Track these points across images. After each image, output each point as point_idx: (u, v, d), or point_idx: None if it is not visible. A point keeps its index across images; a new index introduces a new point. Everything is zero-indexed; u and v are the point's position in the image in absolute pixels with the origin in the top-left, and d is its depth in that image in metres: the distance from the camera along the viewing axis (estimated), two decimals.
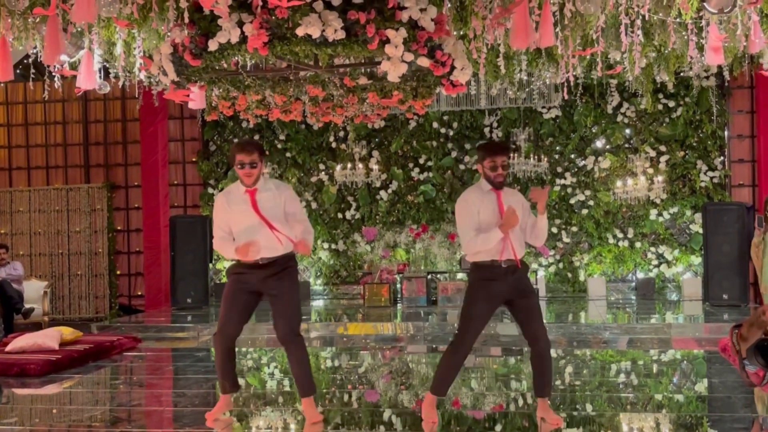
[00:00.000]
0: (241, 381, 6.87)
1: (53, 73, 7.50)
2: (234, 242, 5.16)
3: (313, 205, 13.63)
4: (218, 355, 5.40)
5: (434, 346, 9.15)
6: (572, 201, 12.89)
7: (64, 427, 5.56)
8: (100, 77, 8.00)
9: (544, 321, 9.19)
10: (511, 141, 12.97)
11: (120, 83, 8.54)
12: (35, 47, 7.24)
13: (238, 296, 5.24)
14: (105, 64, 8.23)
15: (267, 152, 5.05)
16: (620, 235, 12.79)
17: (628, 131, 12.83)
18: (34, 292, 11.23)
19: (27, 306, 10.73)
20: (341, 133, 13.56)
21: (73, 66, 7.44)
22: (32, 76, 8.39)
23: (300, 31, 4.98)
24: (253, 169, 5.07)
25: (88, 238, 13.75)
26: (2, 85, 13.57)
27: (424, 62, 5.29)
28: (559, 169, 12.95)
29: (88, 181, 13.98)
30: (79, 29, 6.82)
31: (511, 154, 5.12)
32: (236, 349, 5.48)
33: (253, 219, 5.11)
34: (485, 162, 5.12)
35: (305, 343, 5.34)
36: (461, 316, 5.25)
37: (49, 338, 8.14)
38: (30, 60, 8.13)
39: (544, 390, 5.22)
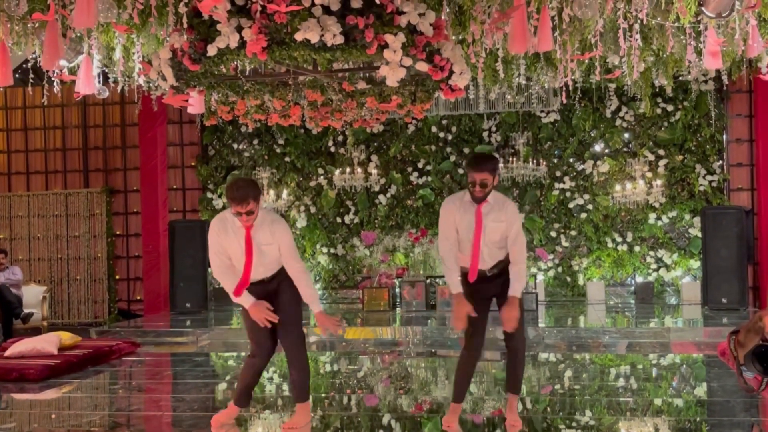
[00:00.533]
0: None
1: (52, 78, 7.50)
2: (235, 278, 5.16)
3: (312, 210, 13.63)
4: (250, 371, 5.42)
5: (433, 350, 9.15)
6: (571, 205, 12.89)
7: None
8: (99, 82, 8.02)
9: (543, 325, 9.20)
10: (510, 145, 12.99)
11: (119, 88, 8.55)
12: (34, 52, 7.24)
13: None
14: (104, 68, 8.24)
15: (261, 191, 5.03)
16: (619, 239, 12.79)
17: (626, 135, 12.84)
18: (33, 296, 11.23)
19: (26, 311, 10.72)
20: (340, 138, 13.57)
21: (72, 71, 7.44)
22: (31, 80, 8.40)
23: (299, 36, 4.99)
24: (249, 216, 5.01)
25: (87, 243, 13.74)
26: (1, 89, 13.55)
27: (423, 67, 5.29)
28: (558, 173, 12.95)
29: (87, 186, 13.98)
30: (78, 34, 6.83)
31: (498, 167, 5.14)
32: (239, 355, 5.55)
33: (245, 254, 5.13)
34: (468, 175, 5.18)
35: (306, 349, 5.39)
36: None
37: (48, 343, 8.13)
38: (29, 65, 8.14)
39: (514, 386, 5.32)
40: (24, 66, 8.54)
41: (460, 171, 13.18)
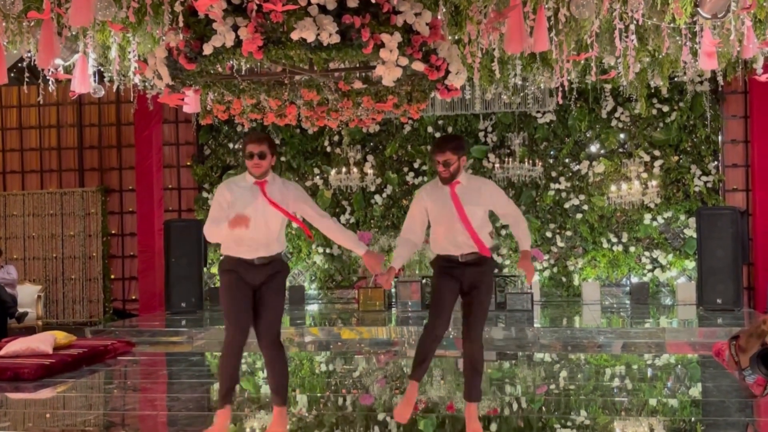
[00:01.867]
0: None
1: (48, 77, 7.49)
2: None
3: None
4: (229, 357, 5.07)
5: None
6: (566, 205, 12.91)
7: None
8: (95, 81, 8.00)
9: (538, 325, 9.20)
10: (506, 146, 13.00)
11: (114, 87, 8.54)
12: (30, 51, 7.23)
13: (238, 288, 5.02)
14: (100, 67, 8.23)
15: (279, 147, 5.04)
16: (614, 240, 12.80)
17: (622, 136, 12.86)
18: (27, 296, 11.19)
19: (21, 310, 10.70)
20: (336, 138, 13.57)
21: (68, 70, 7.43)
22: (27, 79, 8.39)
23: (295, 35, 4.98)
24: (261, 160, 4.94)
25: (83, 242, 13.72)
26: None
27: (419, 66, 5.29)
28: (554, 174, 12.97)
29: (82, 185, 13.96)
30: (73, 33, 6.82)
31: (463, 147, 5.16)
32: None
33: (258, 212, 4.96)
34: (432, 160, 5.19)
35: (285, 351, 5.20)
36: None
37: (42, 342, 8.11)
38: (24, 64, 8.13)
39: (469, 394, 5.14)
40: (19, 65, 8.52)
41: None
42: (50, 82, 7.60)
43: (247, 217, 4.83)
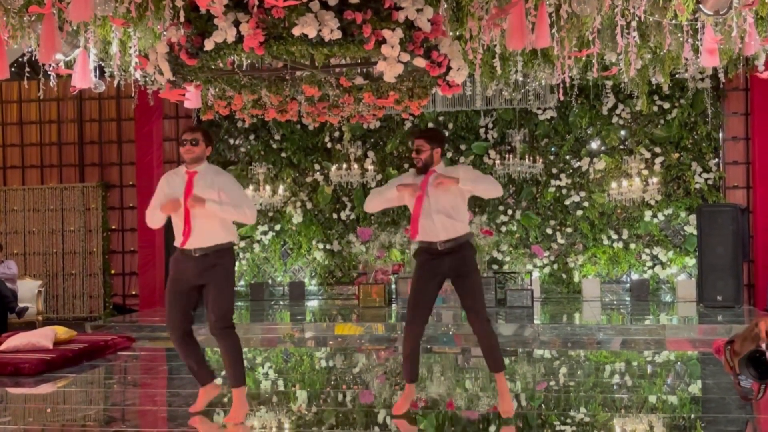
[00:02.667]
0: None
1: (48, 72, 7.47)
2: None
3: (308, 206, 13.63)
4: (178, 350, 5.55)
5: (429, 346, 9.14)
6: (567, 202, 12.91)
7: (58, 427, 5.55)
8: (96, 76, 7.99)
9: (538, 322, 9.22)
10: (507, 142, 13.00)
11: (115, 82, 8.53)
12: (30, 46, 7.22)
13: (177, 293, 5.41)
14: (100, 63, 8.21)
15: (215, 142, 5.32)
16: (615, 237, 12.81)
17: (623, 133, 12.85)
18: (28, 291, 11.20)
19: (21, 305, 10.70)
20: (337, 134, 13.56)
21: (69, 65, 7.43)
22: (27, 74, 8.37)
23: (296, 31, 4.98)
24: (194, 146, 5.20)
25: (83, 238, 13.72)
26: None
27: (420, 63, 5.29)
28: (554, 170, 12.96)
29: (82, 181, 13.95)
30: (74, 28, 6.81)
31: (439, 139, 5.35)
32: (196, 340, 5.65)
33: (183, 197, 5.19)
34: None
35: (236, 335, 5.44)
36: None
37: (43, 337, 8.12)
38: (25, 58, 8.12)
39: (494, 365, 5.40)
40: (20, 60, 8.52)
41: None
42: (51, 77, 7.59)
43: (178, 201, 5.11)
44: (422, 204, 5.29)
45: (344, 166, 13.02)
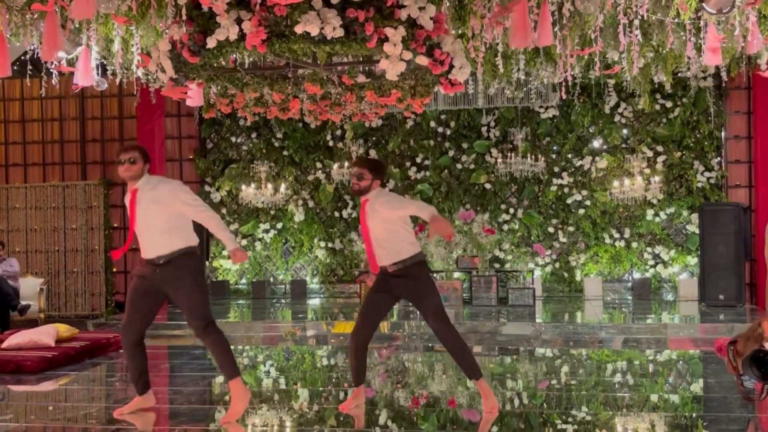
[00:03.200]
0: None
1: (51, 70, 7.48)
2: None
3: (310, 204, 13.63)
4: (127, 354, 5.59)
5: (430, 345, 9.14)
6: (569, 201, 12.90)
7: (60, 425, 5.55)
8: (98, 74, 7.99)
9: (540, 320, 9.21)
10: (509, 141, 13.00)
11: (117, 80, 8.53)
12: (33, 44, 7.22)
13: (138, 298, 5.44)
14: (102, 61, 8.22)
15: (149, 159, 5.40)
16: (617, 235, 12.80)
17: (625, 131, 12.85)
18: (30, 289, 11.21)
19: (23, 303, 10.71)
20: (338, 132, 13.56)
21: (71, 63, 7.43)
22: (29, 72, 8.38)
23: (299, 29, 4.98)
24: (132, 165, 5.26)
25: (85, 235, 13.73)
26: None
27: (423, 61, 5.28)
28: (557, 169, 12.96)
29: (84, 178, 13.96)
30: (77, 26, 6.81)
31: (380, 170, 5.48)
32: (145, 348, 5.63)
33: (136, 215, 5.33)
34: None
35: (219, 330, 5.39)
36: None
37: (45, 335, 8.12)
38: (27, 56, 8.12)
39: (469, 372, 5.42)
40: (22, 57, 8.52)
41: (459, 166, 13.19)
42: (53, 75, 7.59)
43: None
44: (368, 235, 5.39)
45: (346, 164, 13.02)
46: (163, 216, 5.23)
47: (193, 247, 5.39)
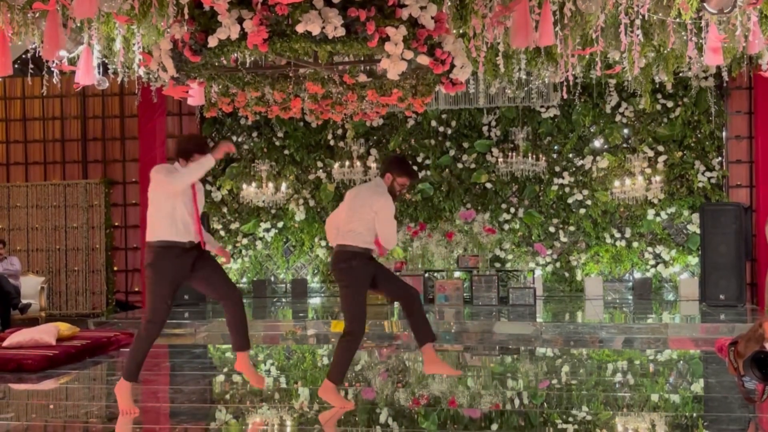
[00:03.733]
0: (238, 378, 6.88)
1: (52, 69, 7.48)
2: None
3: (311, 203, 13.63)
4: (145, 344, 5.61)
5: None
6: (570, 200, 12.90)
7: (61, 423, 5.56)
8: (99, 73, 8.00)
9: (541, 320, 9.24)
10: (510, 140, 13.00)
11: (119, 79, 8.53)
12: (34, 42, 7.23)
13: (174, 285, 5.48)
14: (104, 59, 8.22)
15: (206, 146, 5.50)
16: (618, 235, 12.80)
17: (626, 131, 12.84)
18: (31, 287, 11.22)
19: (24, 301, 10.72)
20: (339, 131, 13.56)
21: (72, 61, 7.43)
22: (31, 71, 8.39)
23: (300, 28, 4.98)
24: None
25: (86, 234, 13.73)
26: (1, 80, 13.53)
27: (424, 60, 5.29)
28: (557, 169, 12.95)
29: (85, 177, 13.96)
30: (78, 25, 6.81)
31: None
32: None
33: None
34: (402, 178, 5.65)
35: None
36: None
37: (46, 334, 8.13)
38: (29, 55, 8.13)
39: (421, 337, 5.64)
40: (24, 56, 8.52)
41: (459, 165, 13.18)
42: (54, 74, 7.59)
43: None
44: None
45: (347, 163, 13.02)
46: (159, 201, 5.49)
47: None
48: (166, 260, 5.34)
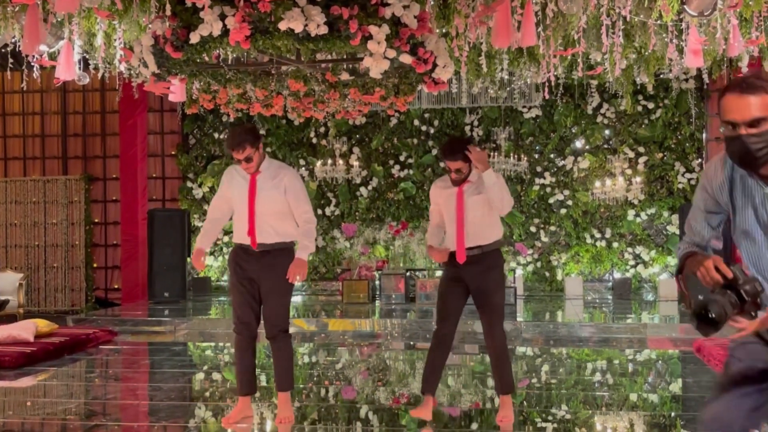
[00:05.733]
0: (217, 376, 6.87)
1: (32, 63, 7.42)
2: (207, 237, 5.32)
3: None
4: (237, 353, 5.35)
5: (412, 343, 9.16)
6: (551, 200, 12.96)
7: (38, 420, 5.52)
8: (80, 68, 7.93)
9: (521, 319, 9.24)
10: (492, 140, 13.04)
11: (99, 75, 8.47)
12: (14, 36, 7.16)
13: (241, 284, 5.18)
14: (85, 55, 8.16)
15: (260, 137, 5.22)
16: (598, 235, 12.87)
17: (607, 132, 12.92)
18: (9, 283, 11.12)
19: (2, 298, 10.63)
20: (322, 129, 13.54)
21: (53, 56, 7.37)
22: (10, 65, 8.30)
23: (282, 26, 4.96)
24: (249, 163, 5.09)
25: (65, 230, 13.63)
26: None
27: (407, 59, 5.29)
28: (539, 169, 13.01)
29: (65, 173, 13.86)
30: (59, 19, 6.76)
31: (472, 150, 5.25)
32: (256, 347, 5.42)
33: (246, 204, 5.13)
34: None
35: (291, 341, 5.30)
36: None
37: (24, 330, 8.07)
38: (8, 49, 8.05)
39: (501, 387, 5.27)
40: (3, 50, 8.44)
41: (442, 165, 13.20)
42: (34, 69, 7.53)
43: (197, 259, 5.20)
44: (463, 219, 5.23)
45: (329, 161, 13.01)
46: (280, 203, 5.16)
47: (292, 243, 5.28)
48: None
